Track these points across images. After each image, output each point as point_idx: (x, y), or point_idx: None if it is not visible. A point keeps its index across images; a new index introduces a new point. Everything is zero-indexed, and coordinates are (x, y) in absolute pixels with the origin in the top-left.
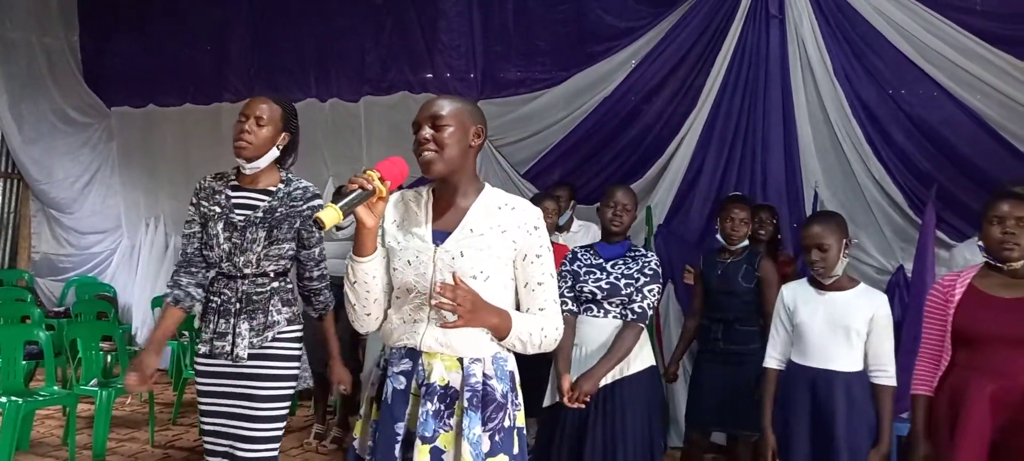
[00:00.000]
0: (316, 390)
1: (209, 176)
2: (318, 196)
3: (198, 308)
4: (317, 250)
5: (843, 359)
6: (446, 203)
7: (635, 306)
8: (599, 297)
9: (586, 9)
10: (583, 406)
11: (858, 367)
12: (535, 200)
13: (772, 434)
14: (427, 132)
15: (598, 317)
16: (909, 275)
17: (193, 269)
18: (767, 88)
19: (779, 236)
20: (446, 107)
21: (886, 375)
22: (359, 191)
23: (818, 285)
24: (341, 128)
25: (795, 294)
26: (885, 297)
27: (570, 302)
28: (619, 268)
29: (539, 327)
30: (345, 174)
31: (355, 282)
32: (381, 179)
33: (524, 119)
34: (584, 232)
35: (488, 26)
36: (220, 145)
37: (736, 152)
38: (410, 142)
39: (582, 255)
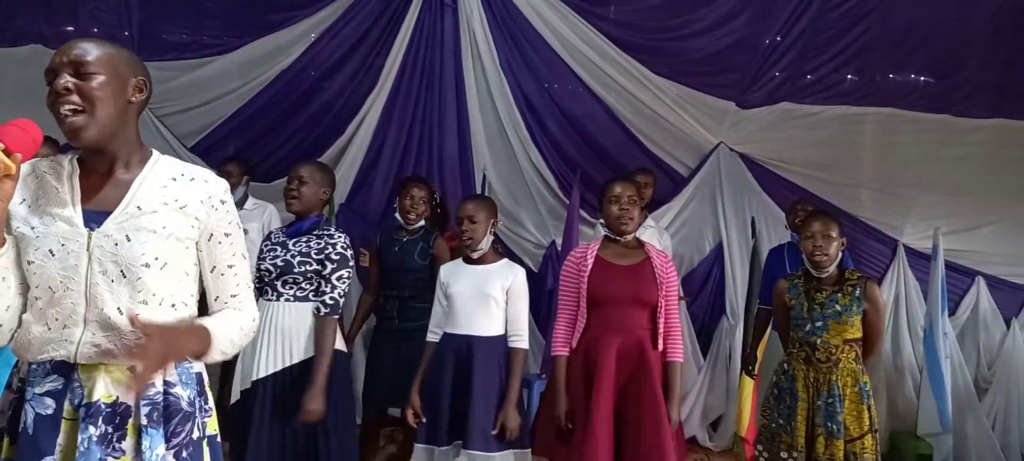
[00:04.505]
0: None
1: None
2: None
3: None
4: None
5: (483, 325)
6: (101, 176)
7: (327, 298)
8: (272, 277)
9: None
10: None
11: (497, 332)
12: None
13: (417, 398)
14: (68, 80)
15: (272, 300)
16: (560, 249)
17: None
18: (442, 73)
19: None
20: (93, 51)
21: (520, 340)
22: None
23: (468, 260)
24: None
25: (449, 270)
26: (522, 270)
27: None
28: (299, 246)
29: (238, 327)
30: None
31: None
32: (7, 151)
33: (191, 87)
34: (260, 211)
35: None
36: None
37: (415, 133)
38: (44, 107)
39: (275, 236)
